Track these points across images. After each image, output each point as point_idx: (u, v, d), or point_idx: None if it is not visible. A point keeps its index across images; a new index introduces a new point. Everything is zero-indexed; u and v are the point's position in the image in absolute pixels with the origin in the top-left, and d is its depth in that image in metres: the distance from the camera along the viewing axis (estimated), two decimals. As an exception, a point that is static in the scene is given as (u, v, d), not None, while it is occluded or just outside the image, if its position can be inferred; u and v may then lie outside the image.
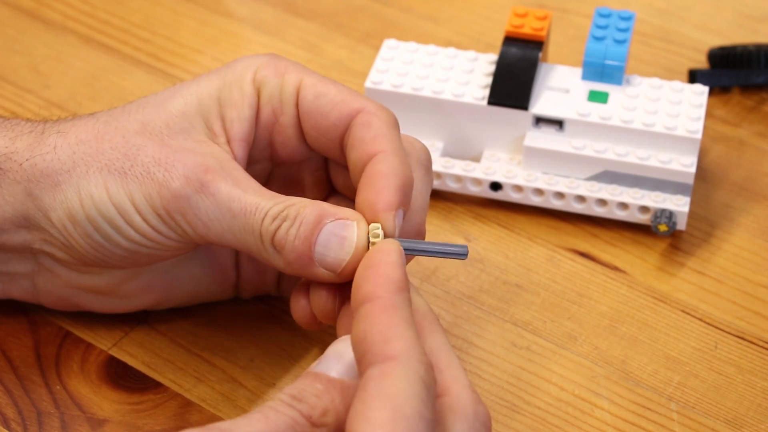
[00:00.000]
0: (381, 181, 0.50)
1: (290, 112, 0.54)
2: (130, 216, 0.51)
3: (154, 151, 0.51)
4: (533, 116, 0.64)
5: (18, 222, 0.53)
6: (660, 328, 0.59)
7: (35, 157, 0.52)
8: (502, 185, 0.64)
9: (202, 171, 0.51)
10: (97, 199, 0.51)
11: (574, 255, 0.63)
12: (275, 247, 0.50)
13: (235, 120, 0.53)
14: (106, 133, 0.52)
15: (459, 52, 0.67)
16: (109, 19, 0.77)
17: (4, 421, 0.54)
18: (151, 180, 0.51)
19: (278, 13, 0.78)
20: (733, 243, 0.64)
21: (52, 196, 0.52)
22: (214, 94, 0.54)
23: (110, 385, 0.56)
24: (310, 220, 0.49)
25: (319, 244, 0.49)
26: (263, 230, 0.50)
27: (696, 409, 0.56)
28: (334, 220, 0.49)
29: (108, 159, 0.52)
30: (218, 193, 0.50)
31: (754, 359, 0.58)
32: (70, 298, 0.56)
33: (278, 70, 0.54)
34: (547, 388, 0.56)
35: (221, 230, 0.51)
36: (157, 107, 0.53)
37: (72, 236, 0.52)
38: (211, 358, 0.57)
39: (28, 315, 0.58)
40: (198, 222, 0.51)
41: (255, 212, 0.50)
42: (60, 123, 0.54)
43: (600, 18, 0.66)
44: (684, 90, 0.65)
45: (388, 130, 0.52)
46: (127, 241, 0.52)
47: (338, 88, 0.54)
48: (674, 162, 0.63)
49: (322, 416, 0.45)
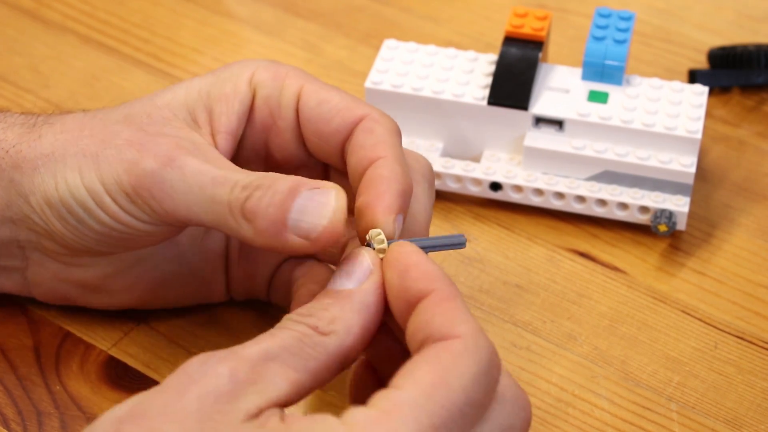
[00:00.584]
0: (381, 186, 0.50)
1: (289, 117, 0.54)
2: (100, 197, 0.51)
3: (130, 135, 0.51)
4: (533, 116, 0.64)
5: (4, 213, 0.53)
6: (660, 329, 0.59)
7: (21, 144, 0.53)
8: (502, 185, 0.64)
9: (173, 147, 0.50)
10: (71, 182, 0.51)
11: (574, 255, 0.63)
12: (245, 216, 0.48)
13: (223, 113, 0.53)
14: (88, 123, 0.53)
15: (459, 52, 0.67)
16: (109, 19, 0.77)
17: (4, 421, 0.54)
18: (121, 160, 0.50)
19: (278, 13, 0.78)
20: (733, 243, 0.64)
21: (31, 180, 0.52)
22: (204, 88, 0.54)
23: (110, 385, 0.56)
24: (284, 188, 0.48)
25: (295, 210, 0.48)
26: (232, 198, 0.49)
27: (696, 409, 0.56)
28: (311, 188, 0.48)
29: (85, 144, 0.52)
30: (186, 166, 0.50)
31: (754, 359, 0.58)
32: (59, 292, 0.56)
33: (278, 75, 0.54)
34: (547, 389, 0.56)
35: (188, 203, 0.50)
36: (144, 101, 0.54)
37: (49, 220, 0.52)
38: (211, 359, 0.57)
39: (28, 315, 0.58)
40: (164, 196, 0.50)
41: (224, 183, 0.49)
42: (52, 116, 0.55)
43: (600, 18, 0.66)
44: (684, 90, 0.65)
45: (390, 137, 0.52)
46: (99, 224, 0.51)
47: (341, 95, 0.54)
48: (674, 162, 0.63)
49: (330, 324, 0.45)
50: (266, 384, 0.43)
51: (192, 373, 0.43)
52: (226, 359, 0.43)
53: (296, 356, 0.44)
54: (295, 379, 0.44)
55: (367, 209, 0.49)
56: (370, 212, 0.49)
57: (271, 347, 0.44)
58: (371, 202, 0.49)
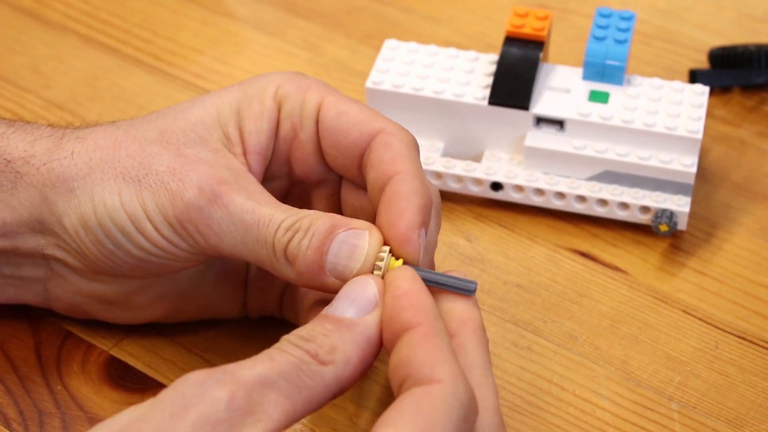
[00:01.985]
0: (402, 202, 0.50)
1: (310, 129, 0.54)
2: (142, 224, 0.51)
3: (169, 160, 0.51)
4: (534, 116, 0.64)
5: (32, 226, 0.53)
6: (661, 328, 0.59)
7: (52, 162, 0.52)
8: (502, 185, 0.64)
9: (216, 182, 0.51)
10: (110, 206, 0.51)
11: (574, 255, 0.63)
12: (287, 259, 0.49)
13: (252, 132, 0.53)
14: (123, 140, 0.52)
15: (460, 52, 0.67)
16: (110, 19, 0.77)
17: (6, 421, 0.54)
18: (165, 189, 0.51)
19: (278, 13, 0.78)
20: (733, 243, 0.64)
21: (67, 201, 0.52)
22: (234, 105, 0.53)
23: (111, 385, 0.56)
24: (322, 230, 0.49)
25: (331, 253, 0.49)
26: (276, 242, 0.49)
27: (697, 409, 0.56)
28: (346, 229, 0.49)
29: (123, 167, 0.51)
30: (231, 205, 0.50)
31: (755, 359, 0.58)
32: (80, 306, 0.56)
33: (300, 87, 0.54)
34: (548, 388, 0.56)
35: (234, 242, 0.50)
36: (176, 115, 0.53)
37: (83, 242, 0.52)
38: (212, 359, 0.57)
39: (29, 315, 0.58)
40: (210, 233, 0.50)
41: (268, 224, 0.50)
42: (80, 129, 0.54)
43: (601, 18, 0.66)
44: (685, 90, 0.65)
45: (408, 151, 0.52)
46: (138, 249, 0.51)
47: (360, 107, 0.53)
48: (675, 162, 0.63)
49: (329, 353, 0.45)
50: (262, 414, 0.43)
51: (188, 395, 0.42)
52: (224, 383, 0.43)
53: (293, 384, 0.44)
54: (289, 408, 0.44)
55: (390, 227, 0.49)
56: (394, 231, 0.49)
57: (269, 373, 0.44)
58: (392, 220, 0.49)
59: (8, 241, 0.53)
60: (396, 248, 0.49)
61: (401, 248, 0.49)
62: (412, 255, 0.49)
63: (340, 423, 0.54)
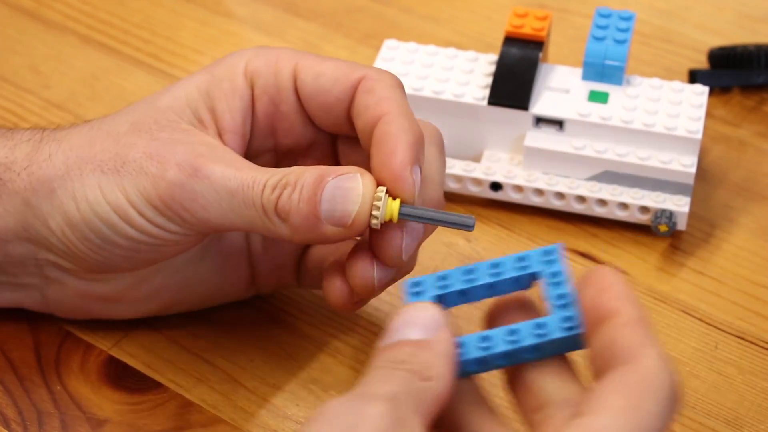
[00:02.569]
0: (391, 141, 0.50)
1: (290, 99, 0.54)
2: (126, 212, 0.51)
3: (144, 146, 0.51)
4: (533, 116, 0.64)
5: (20, 234, 0.52)
6: (660, 328, 0.59)
7: (32, 166, 0.52)
8: (502, 185, 0.64)
9: (194, 156, 0.50)
10: (92, 200, 0.51)
11: (574, 255, 0.63)
12: (280, 216, 0.49)
13: (226, 111, 0.53)
14: (97, 137, 0.52)
15: (459, 53, 0.67)
16: (110, 19, 0.77)
17: (5, 421, 0.54)
18: (145, 174, 0.50)
19: (278, 13, 0.78)
20: (733, 243, 0.64)
21: (50, 203, 0.52)
22: (202, 87, 0.53)
23: (110, 385, 0.56)
24: (310, 180, 0.49)
25: (325, 200, 0.49)
26: (264, 201, 0.49)
27: (696, 409, 0.56)
28: (336, 176, 0.49)
29: (100, 160, 0.51)
30: (212, 175, 0.50)
31: (755, 360, 0.58)
32: (81, 307, 0.55)
33: (270, 60, 0.54)
34: (548, 389, 0.56)
35: (221, 211, 0.50)
36: (146, 106, 0.53)
37: (71, 242, 0.52)
38: (211, 358, 0.57)
39: (28, 316, 0.58)
40: (197, 207, 0.50)
41: (252, 185, 0.49)
42: (57, 131, 0.54)
43: (600, 18, 0.66)
44: (684, 90, 0.65)
45: (391, 92, 0.52)
46: (126, 239, 0.51)
47: (336, 63, 0.53)
48: (674, 162, 0.63)
49: (428, 369, 0.44)
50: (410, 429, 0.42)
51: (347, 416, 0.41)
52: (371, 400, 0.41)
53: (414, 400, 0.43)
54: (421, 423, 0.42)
55: (383, 168, 0.49)
56: (387, 170, 0.49)
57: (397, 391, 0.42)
58: (384, 161, 0.49)
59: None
60: (391, 188, 0.49)
61: (396, 187, 0.49)
62: (408, 192, 0.49)
63: (339, 423, 0.54)
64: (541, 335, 0.46)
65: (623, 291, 0.45)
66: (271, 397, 0.55)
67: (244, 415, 0.55)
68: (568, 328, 0.46)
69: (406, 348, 0.44)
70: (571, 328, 0.46)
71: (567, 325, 0.46)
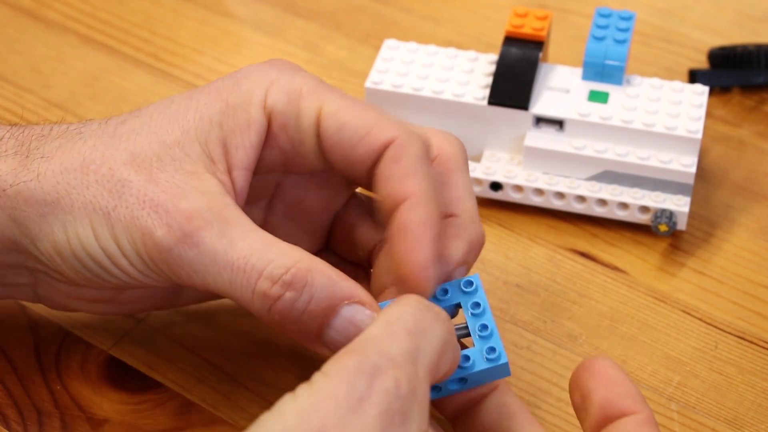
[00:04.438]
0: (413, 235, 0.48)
1: (311, 143, 0.51)
2: (117, 260, 0.49)
3: (140, 187, 0.49)
4: (533, 116, 0.64)
5: (7, 245, 0.51)
6: (660, 328, 0.59)
7: (19, 185, 0.50)
8: (502, 185, 0.64)
9: (185, 219, 0.48)
10: (84, 240, 0.49)
11: (574, 255, 0.63)
12: (271, 313, 0.47)
13: (239, 147, 0.50)
14: (92, 161, 0.50)
15: (459, 52, 0.67)
16: (110, 19, 0.77)
17: (5, 421, 0.54)
18: (136, 226, 0.48)
19: (278, 13, 0.78)
20: (733, 243, 0.64)
21: (38, 227, 0.50)
22: (215, 118, 0.50)
23: (110, 385, 0.56)
24: (322, 297, 0.47)
25: (333, 330, 0.47)
26: (258, 292, 0.47)
27: (696, 409, 0.56)
28: (348, 303, 0.47)
29: (92, 195, 0.49)
30: (202, 244, 0.48)
31: (755, 359, 0.58)
32: (72, 306, 0.54)
33: (291, 95, 0.51)
34: (548, 388, 0.56)
35: (206, 281, 0.48)
36: (150, 136, 0.50)
37: (60, 267, 0.50)
38: (211, 358, 0.57)
39: (27, 315, 0.58)
40: (182, 272, 0.48)
41: (245, 269, 0.47)
42: (45, 143, 0.51)
43: (600, 18, 0.66)
44: (684, 90, 0.65)
45: (419, 166, 0.49)
46: (115, 279, 0.50)
47: (361, 112, 0.50)
48: (674, 162, 0.63)
49: None
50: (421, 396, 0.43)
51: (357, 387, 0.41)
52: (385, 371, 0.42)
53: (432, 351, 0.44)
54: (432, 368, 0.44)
55: (404, 265, 0.48)
56: (407, 268, 0.48)
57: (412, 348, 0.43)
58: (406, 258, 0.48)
59: None
60: (410, 285, 0.48)
61: (413, 287, 0.48)
62: (426, 293, 0.48)
63: (339, 423, 0.54)
64: (467, 367, 0.48)
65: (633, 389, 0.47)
66: (271, 397, 0.55)
67: (244, 415, 0.55)
68: (492, 359, 0.48)
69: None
70: (495, 359, 0.48)
71: (491, 356, 0.48)
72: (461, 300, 0.49)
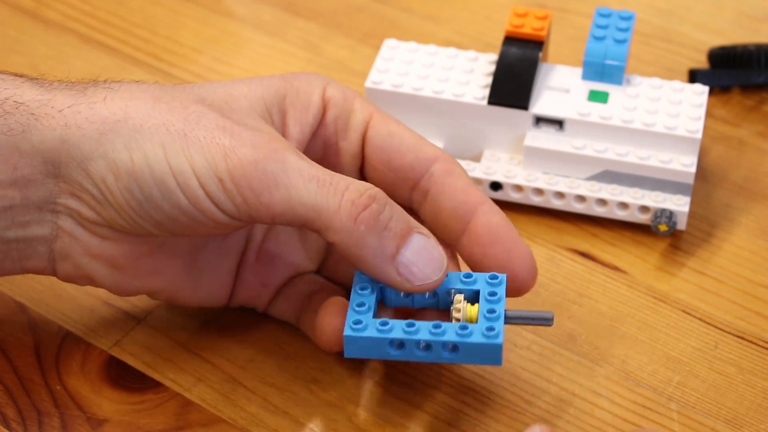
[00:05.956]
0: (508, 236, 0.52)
1: (354, 140, 0.54)
2: (187, 181, 0.48)
3: (216, 118, 0.49)
4: (533, 116, 0.64)
5: (47, 171, 0.50)
6: (660, 328, 0.59)
7: (79, 105, 0.49)
8: (502, 185, 0.64)
9: (268, 140, 0.49)
10: (152, 157, 0.48)
11: (574, 255, 0.63)
12: (358, 222, 0.49)
13: (297, 122, 0.53)
14: (161, 96, 0.50)
15: (459, 52, 0.67)
16: (110, 19, 0.77)
17: (4, 420, 0.54)
18: (217, 144, 0.48)
19: (278, 13, 0.78)
20: (733, 243, 0.64)
21: (95, 145, 0.49)
22: (281, 91, 0.53)
23: (110, 384, 0.56)
24: (401, 218, 0.50)
25: (409, 249, 0.50)
26: (346, 200, 0.49)
27: (696, 408, 0.56)
28: (422, 234, 0.50)
29: (165, 119, 0.49)
30: (287, 160, 0.49)
31: (755, 359, 0.58)
32: (85, 269, 0.52)
33: (347, 96, 0.54)
34: (547, 388, 0.56)
35: (288, 198, 0.49)
36: (217, 87, 0.52)
37: (110, 190, 0.49)
38: (211, 358, 0.57)
39: (28, 315, 0.58)
40: (263, 188, 0.48)
41: (331, 182, 0.49)
42: (107, 82, 0.51)
43: (600, 18, 0.66)
44: (684, 90, 0.65)
45: (470, 179, 0.54)
46: (172, 206, 0.49)
47: (409, 130, 0.55)
48: (674, 162, 0.63)
49: None
50: None
51: None
52: None
53: None
54: None
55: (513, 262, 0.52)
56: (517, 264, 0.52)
57: None
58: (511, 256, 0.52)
59: (19, 191, 0.50)
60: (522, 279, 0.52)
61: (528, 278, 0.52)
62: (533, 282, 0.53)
63: (340, 423, 0.54)
64: (463, 335, 0.50)
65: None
66: (271, 397, 0.55)
67: (244, 415, 0.55)
68: (490, 336, 0.50)
69: None
70: (492, 337, 0.50)
71: (489, 333, 0.50)
72: (481, 287, 0.52)
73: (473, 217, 0.53)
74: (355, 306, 0.51)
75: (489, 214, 0.52)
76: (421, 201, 0.54)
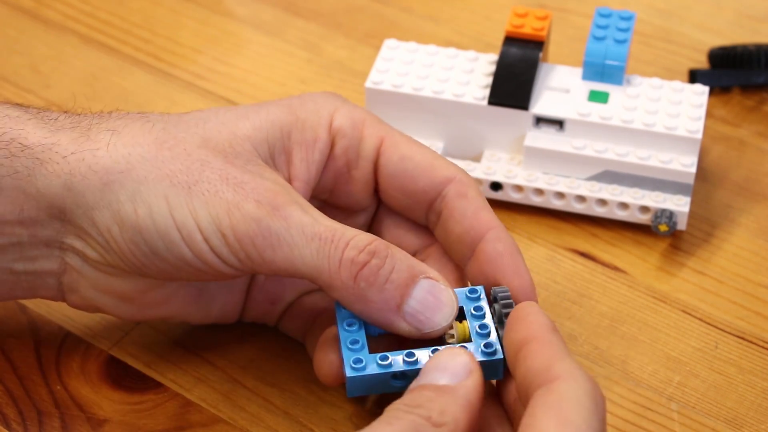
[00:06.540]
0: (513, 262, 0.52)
1: (367, 168, 0.54)
2: (191, 234, 0.48)
3: (221, 167, 0.49)
4: (533, 116, 0.64)
5: (52, 214, 0.50)
6: (660, 328, 0.59)
7: (83, 152, 0.49)
8: (502, 185, 0.64)
9: (272, 195, 0.49)
10: (156, 211, 0.48)
11: (574, 255, 0.63)
12: (358, 280, 0.48)
13: (303, 161, 0.52)
14: (165, 140, 0.50)
15: (459, 52, 0.67)
16: (110, 19, 0.77)
17: (5, 420, 0.54)
18: (220, 199, 0.48)
19: (278, 13, 0.78)
20: (733, 243, 0.64)
21: (100, 195, 0.49)
22: (285, 127, 0.52)
23: (110, 385, 0.56)
24: (403, 267, 0.49)
25: (414, 299, 0.49)
26: (346, 259, 0.48)
27: (696, 409, 0.56)
28: (425, 277, 0.50)
29: (169, 169, 0.49)
30: (290, 217, 0.49)
31: (755, 359, 0.58)
32: (93, 301, 0.53)
33: (356, 122, 0.53)
34: (548, 388, 0.56)
35: (290, 255, 0.49)
36: (221, 126, 0.51)
37: (115, 240, 0.49)
38: (211, 358, 0.57)
39: (28, 315, 0.58)
40: (266, 247, 0.48)
41: (332, 239, 0.49)
42: (108, 120, 0.51)
43: (600, 18, 0.66)
44: (684, 90, 0.65)
45: (484, 201, 0.53)
46: (177, 258, 0.49)
47: (421, 149, 0.54)
48: (675, 162, 0.63)
49: (440, 416, 0.45)
50: None
51: None
52: None
53: None
54: None
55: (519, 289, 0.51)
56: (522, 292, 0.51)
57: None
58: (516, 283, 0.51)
59: (26, 229, 0.50)
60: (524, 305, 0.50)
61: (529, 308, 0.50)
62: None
63: (339, 423, 0.54)
64: None
65: (536, 319, 0.47)
66: (271, 397, 0.55)
67: (244, 415, 0.55)
68: (489, 354, 0.50)
69: (427, 392, 0.46)
70: (491, 354, 0.50)
71: (488, 350, 0.50)
72: (464, 305, 0.51)
73: (480, 243, 0.52)
74: (349, 344, 0.50)
75: (494, 241, 0.52)
76: (435, 222, 0.54)
